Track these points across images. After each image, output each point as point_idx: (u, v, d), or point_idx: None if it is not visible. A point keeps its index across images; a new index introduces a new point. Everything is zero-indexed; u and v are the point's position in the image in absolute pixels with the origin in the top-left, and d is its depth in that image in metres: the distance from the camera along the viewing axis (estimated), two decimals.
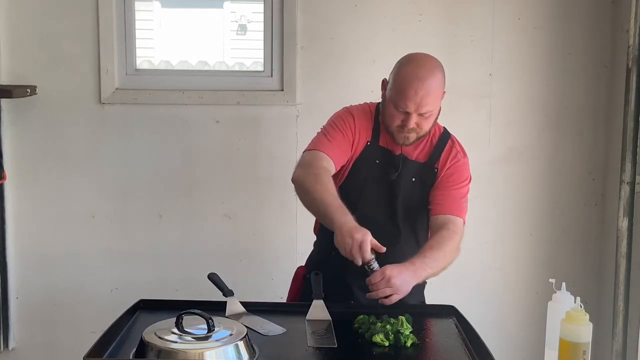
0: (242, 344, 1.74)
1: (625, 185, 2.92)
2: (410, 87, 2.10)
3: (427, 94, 2.10)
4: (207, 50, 3.74)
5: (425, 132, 2.20)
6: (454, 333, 1.99)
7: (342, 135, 2.23)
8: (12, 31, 3.09)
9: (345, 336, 1.94)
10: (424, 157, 2.27)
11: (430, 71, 2.14)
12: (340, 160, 2.22)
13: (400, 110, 2.13)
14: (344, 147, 2.22)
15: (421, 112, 2.12)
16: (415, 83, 2.10)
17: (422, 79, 2.10)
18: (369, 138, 2.25)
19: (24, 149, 3.16)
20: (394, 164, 2.23)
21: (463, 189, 2.28)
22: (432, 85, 2.12)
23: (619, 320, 2.94)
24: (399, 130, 2.17)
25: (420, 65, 2.16)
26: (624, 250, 2.93)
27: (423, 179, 2.26)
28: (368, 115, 2.28)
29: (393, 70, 2.22)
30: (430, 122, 2.18)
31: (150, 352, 1.70)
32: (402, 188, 2.23)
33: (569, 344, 1.72)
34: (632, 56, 2.89)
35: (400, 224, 2.26)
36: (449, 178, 2.26)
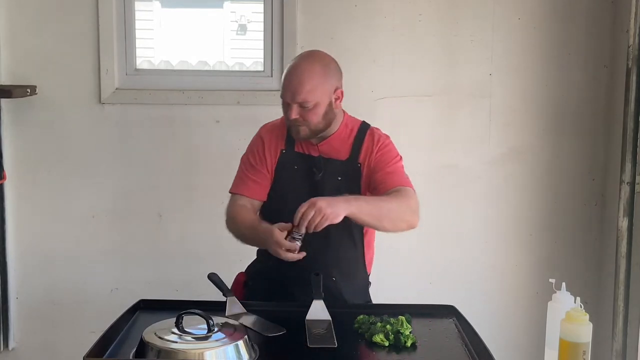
0: (242, 344, 1.75)
1: (625, 185, 2.92)
2: (287, 77, 2.17)
3: (300, 83, 2.13)
4: (207, 50, 3.74)
5: (316, 125, 2.19)
6: (454, 333, 1.99)
7: (254, 167, 2.29)
8: (12, 31, 3.09)
9: (345, 336, 1.94)
10: (344, 155, 2.26)
11: (309, 63, 2.19)
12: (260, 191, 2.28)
13: (285, 102, 2.18)
14: (260, 176, 2.28)
15: (298, 101, 2.14)
16: (291, 72, 2.17)
17: (297, 69, 2.16)
18: (282, 147, 2.28)
19: (24, 149, 3.16)
20: (315, 167, 2.24)
21: (399, 165, 2.27)
22: (308, 75, 2.15)
23: (619, 320, 2.94)
24: (290, 124, 2.20)
25: (302, 57, 2.24)
26: (624, 250, 2.93)
27: (349, 176, 2.24)
28: (279, 127, 2.32)
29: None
30: (316, 114, 2.17)
31: (150, 352, 1.70)
32: (328, 188, 2.19)
33: (569, 344, 1.72)
34: (632, 56, 2.89)
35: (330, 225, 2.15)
36: (381, 160, 2.24)
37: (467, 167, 3.25)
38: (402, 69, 3.18)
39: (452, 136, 3.23)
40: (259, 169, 2.29)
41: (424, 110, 3.22)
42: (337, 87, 2.24)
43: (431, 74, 3.20)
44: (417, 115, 3.22)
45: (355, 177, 2.25)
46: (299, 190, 2.22)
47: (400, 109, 3.21)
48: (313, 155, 2.27)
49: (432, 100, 3.22)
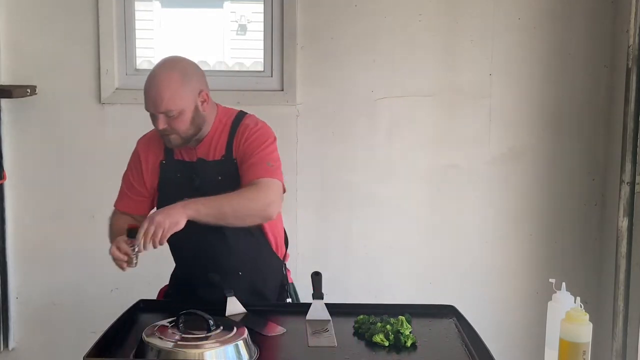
0: (242, 344, 1.75)
1: (625, 185, 2.92)
2: (146, 87, 2.11)
3: (159, 93, 2.07)
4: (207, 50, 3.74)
5: (185, 132, 2.13)
6: (454, 333, 1.99)
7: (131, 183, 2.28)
8: (13, 31, 3.09)
9: (345, 336, 1.94)
10: (220, 154, 2.19)
11: (166, 71, 2.11)
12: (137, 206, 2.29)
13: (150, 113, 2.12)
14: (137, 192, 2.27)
15: (161, 111, 2.08)
16: (149, 83, 2.11)
17: (155, 78, 2.10)
18: (162, 158, 2.24)
19: (24, 149, 3.16)
20: (194, 172, 2.19)
21: (264, 153, 2.14)
22: (166, 84, 2.08)
23: (619, 320, 2.94)
24: (161, 135, 2.15)
25: (159, 66, 2.15)
26: (624, 250, 2.93)
27: (228, 174, 2.19)
28: (155, 138, 2.25)
29: None
30: (183, 121, 2.11)
31: (150, 352, 1.70)
32: (210, 190, 2.12)
33: (569, 344, 1.72)
34: (632, 56, 2.89)
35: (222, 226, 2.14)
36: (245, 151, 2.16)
37: (467, 167, 3.25)
38: (402, 69, 3.18)
39: (452, 136, 3.23)
40: (135, 186, 2.27)
41: (424, 110, 3.22)
42: (200, 90, 2.15)
43: (431, 74, 3.20)
44: (417, 115, 3.22)
45: (234, 174, 2.17)
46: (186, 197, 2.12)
47: (400, 109, 3.21)
48: (191, 160, 2.21)
49: (432, 100, 3.22)
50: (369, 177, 3.24)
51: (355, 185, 3.24)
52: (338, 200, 3.25)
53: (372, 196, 3.24)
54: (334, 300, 2.11)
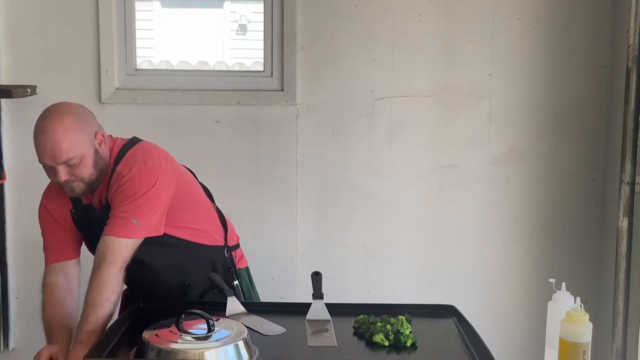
0: (242, 344, 1.75)
1: (625, 185, 2.92)
2: (39, 140, 1.99)
3: (56, 143, 1.96)
4: (207, 50, 3.74)
5: (90, 178, 2.04)
6: (454, 333, 1.99)
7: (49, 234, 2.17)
8: (12, 31, 3.09)
9: (345, 336, 1.94)
10: (104, 199, 2.10)
11: (56, 120, 2.00)
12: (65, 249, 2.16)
13: (47, 166, 2.02)
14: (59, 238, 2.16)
15: (61, 162, 1.98)
16: (41, 138, 1.98)
17: (46, 131, 1.98)
18: (70, 207, 2.15)
19: (24, 149, 3.15)
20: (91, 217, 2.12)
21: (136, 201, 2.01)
22: (59, 134, 1.97)
23: (619, 320, 2.94)
24: (62, 186, 2.05)
25: (43, 118, 2.03)
26: (624, 250, 2.93)
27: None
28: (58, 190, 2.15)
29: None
30: (86, 167, 2.02)
31: (150, 352, 1.71)
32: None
33: (569, 344, 1.72)
34: (632, 56, 2.89)
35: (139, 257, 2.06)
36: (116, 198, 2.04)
37: (467, 167, 3.25)
38: (402, 69, 3.18)
39: (452, 136, 3.23)
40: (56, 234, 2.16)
41: (424, 110, 3.22)
42: (95, 131, 2.09)
43: (431, 74, 3.20)
44: (417, 115, 3.22)
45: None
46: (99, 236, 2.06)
47: (400, 109, 3.21)
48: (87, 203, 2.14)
49: (432, 100, 3.22)
50: (369, 177, 3.24)
51: (355, 185, 3.23)
52: (338, 200, 3.24)
53: (372, 196, 3.24)
54: (334, 300, 2.12)
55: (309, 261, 3.22)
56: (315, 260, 3.20)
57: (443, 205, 3.26)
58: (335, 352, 1.84)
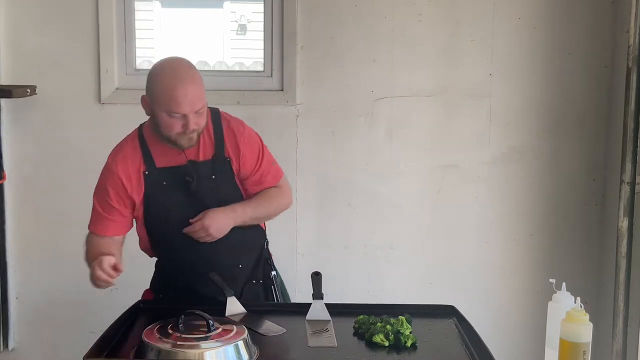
0: (242, 344, 1.75)
1: (625, 185, 2.92)
2: (178, 91, 2.07)
3: (194, 92, 2.10)
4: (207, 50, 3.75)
5: (202, 127, 2.16)
6: (454, 333, 1.99)
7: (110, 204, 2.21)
8: (12, 31, 3.09)
9: (345, 336, 1.94)
10: (210, 153, 2.20)
11: (188, 71, 2.14)
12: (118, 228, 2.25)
13: (176, 116, 2.08)
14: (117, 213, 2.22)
15: (196, 110, 2.09)
16: (181, 86, 2.08)
17: (185, 79, 2.09)
18: (143, 169, 2.20)
19: (24, 149, 3.16)
20: (187, 174, 2.17)
21: (265, 155, 2.28)
22: (195, 83, 2.12)
23: (619, 320, 2.94)
24: (182, 136, 2.11)
25: (176, 68, 2.15)
26: (624, 250, 2.93)
27: (221, 172, 2.20)
28: (130, 150, 2.23)
29: (151, 83, 2.17)
30: (205, 116, 2.15)
31: (150, 352, 1.71)
32: (206, 191, 2.17)
33: (569, 344, 1.72)
34: (632, 56, 2.89)
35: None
36: (248, 159, 2.23)
37: (467, 167, 3.25)
38: (402, 69, 3.18)
39: (452, 136, 3.23)
40: (115, 206, 2.21)
41: (424, 110, 3.22)
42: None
43: (431, 74, 3.20)
44: (417, 115, 3.22)
45: (227, 172, 2.21)
46: (178, 204, 2.17)
47: (400, 109, 3.21)
48: (180, 164, 2.19)
49: (432, 100, 3.22)
50: (369, 177, 3.24)
51: (355, 185, 3.24)
52: (338, 200, 3.25)
53: (372, 196, 3.24)
54: (334, 300, 2.12)
55: (309, 261, 3.22)
56: (315, 260, 3.20)
57: (443, 205, 3.26)
58: (335, 352, 1.84)
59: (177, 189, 2.17)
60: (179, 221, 2.17)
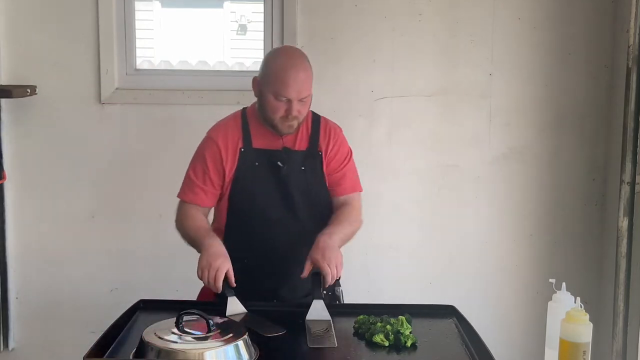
0: (242, 344, 1.75)
1: (625, 185, 2.92)
2: (289, 75, 2.18)
3: (304, 79, 2.20)
4: (207, 50, 3.74)
5: (303, 117, 2.25)
6: (454, 333, 1.99)
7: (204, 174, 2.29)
8: (13, 31, 3.09)
9: (345, 336, 1.94)
10: (305, 145, 2.31)
11: (301, 59, 2.25)
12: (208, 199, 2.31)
13: (283, 100, 2.18)
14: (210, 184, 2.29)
15: (301, 97, 2.19)
16: (292, 71, 2.19)
17: (297, 66, 2.21)
18: (240, 145, 2.28)
19: (24, 149, 3.16)
20: (280, 160, 2.26)
21: (351, 163, 2.38)
22: (305, 71, 2.22)
23: (619, 320, 2.94)
24: (283, 120, 2.21)
25: (291, 55, 2.29)
26: (624, 250, 2.93)
27: (311, 165, 2.30)
28: (233, 126, 2.32)
29: (264, 66, 2.27)
30: (307, 107, 2.25)
31: (150, 352, 1.70)
32: (294, 179, 2.27)
33: (569, 344, 1.72)
34: (632, 56, 2.89)
35: (300, 214, 2.29)
36: (335, 158, 2.33)
37: (467, 167, 3.25)
38: (402, 69, 3.18)
39: (452, 136, 3.23)
40: (211, 177, 2.28)
41: (424, 110, 3.22)
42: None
43: (431, 74, 3.20)
44: (417, 115, 3.22)
45: (317, 165, 2.30)
46: (265, 186, 2.27)
47: (400, 109, 3.21)
48: (276, 148, 2.28)
49: (432, 100, 3.22)
50: (369, 177, 3.21)
51: None
52: None
53: (372, 196, 3.23)
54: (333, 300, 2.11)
55: None
56: None
57: (443, 205, 3.26)
58: (335, 352, 1.84)
59: (267, 172, 2.26)
60: (261, 203, 2.26)
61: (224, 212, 2.33)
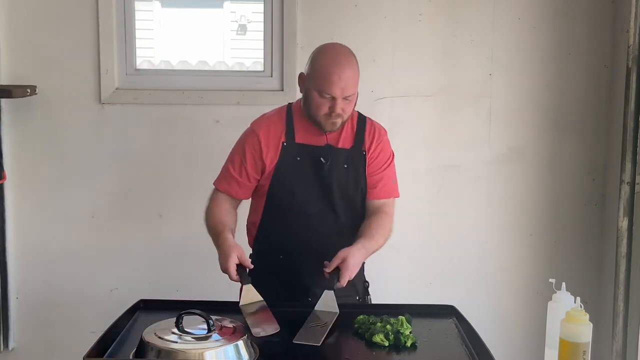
0: (242, 344, 1.75)
1: (625, 185, 2.92)
2: (333, 73, 2.16)
3: (349, 77, 2.18)
4: (207, 50, 3.74)
5: (348, 116, 2.24)
6: (454, 333, 1.99)
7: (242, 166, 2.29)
8: (13, 31, 3.09)
9: (345, 336, 1.94)
10: (349, 143, 2.30)
11: (348, 57, 2.23)
12: (242, 192, 2.32)
13: (327, 97, 2.17)
14: (246, 176, 2.30)
15: (346, 95, 2.17)
16: (337, 69, 2.17)
17: (342, 64, 2.19)
18: (283, 139, 2.28)
19: (24, 149, 3.16)
20: (322, 156, 2.26)
21: (391, 167, 2.37)
22: (351, 69, 2.20)
23: (619, 320, 2.94)
24: (327, 118, 2.20)
25: (338, 52, 2.26)
26: (624, 250, 2.93)
27: (354, 164, 2.29)
28: (277, 120, 2.31)
29: (310, 62, 2.26)
30: (352, 105, 2.23)
31: (150, 352, 1.70)
32: (336, 176, 2.27)
33: (569, 344, 1.72)
34: (632, 56, 2.89)
35: (339, 211, 2.30)
36: (377, 159, 2.32)
37: (467, 167, 3.25)
38: (402, 69, 3.18)
39: (452, 136, 3.23)
40: (249, 169, 2.29)
41: (424, 110, 3.22)
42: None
43: (431, 74, 3.20)
44: (417, 115, 3.22)
45: (360, 165, 2.30)
46: (305, 181, 2.26)
47: (400, 109, 3.21)
48: (319, 144, 2.27)
49: (432, 100, 3.22)
50: None
51: None
52: None
53: None
54: None
55: None
56: None
57: (443, 205, 3.26)
58: (336, 352, 1.84)
59: (309, 167, 2.26)
60: (300, 198, 2.26)
61: (261, 207, 2.33)
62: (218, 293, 2.20)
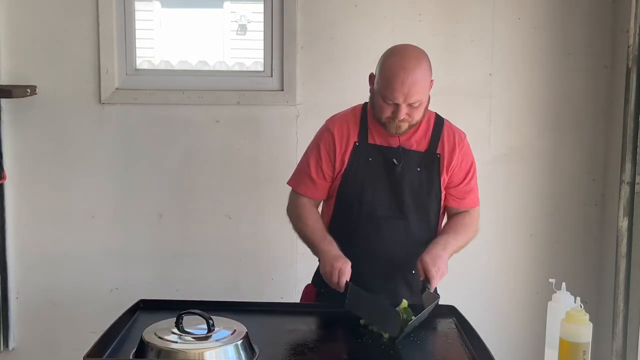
0: (242, 344, 1.75)
1: (625, 185, 2.92)
2: (397, 78, 2.10)
3: (413, 84, 2.10)
4: (207, 50, 3.74)
5: (417, 121, 2.19)
6: (454, 333, 1.99)
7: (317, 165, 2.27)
8: (13, 31, 3.09)
9: (345, 336, 1.94)
10: (424, 146, 2.26)
11: (416, 61, 2.14)
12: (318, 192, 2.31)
13: (389, 102, 2.13)
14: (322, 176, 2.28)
15: (410, 102, 2.11)
16: (401, 74, 2.10)
17: (407, 69, 2.10)
18: (355, 139, 2.25)
19: (24, 149, 3.16)
20: (395, 157, 2.22)
21: (474, 175, 2.33)
22: (418, 75, 2.11)
23: (619, 320, 2.94)
24: (390, 121, 2.16)
25: (405, 55, 2.17)
26: (624, 250, 2.93)
27: (428, 167, 2.24)
28: (351, 119, 2.29)
29: (379, 63, 2.21)
30: (420, 111, 2.17)
31: (150, 352, 1.70)
32: (408, 179, 2.22)
33: (569, 344, 1.72)
34: (632, 56, 2.89)
35: (409, 215, 2.24)
36: (460, 166, 2.29)
37: None
38: None
39: None
40: (325, 169, 2.26)
41: None
42: (431, 80, 2.22)
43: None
44: None
45: (434, 167, 2.25)
46: (376, 182, 2.22)
47: None
48: (392, 146, 2.23)
49: (432, 100, 3.20)
50: None
51: None
52: None
53: None
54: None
55: (309, 261, 3.21)
56: (316, 260, 3.20)
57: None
58: (336, 350, 1.84)
59: (380, 169, 2.22)
60: (370, 199, 2.22)
61: (331, 208, 2.30)
62: (218, 293, 2.20)
